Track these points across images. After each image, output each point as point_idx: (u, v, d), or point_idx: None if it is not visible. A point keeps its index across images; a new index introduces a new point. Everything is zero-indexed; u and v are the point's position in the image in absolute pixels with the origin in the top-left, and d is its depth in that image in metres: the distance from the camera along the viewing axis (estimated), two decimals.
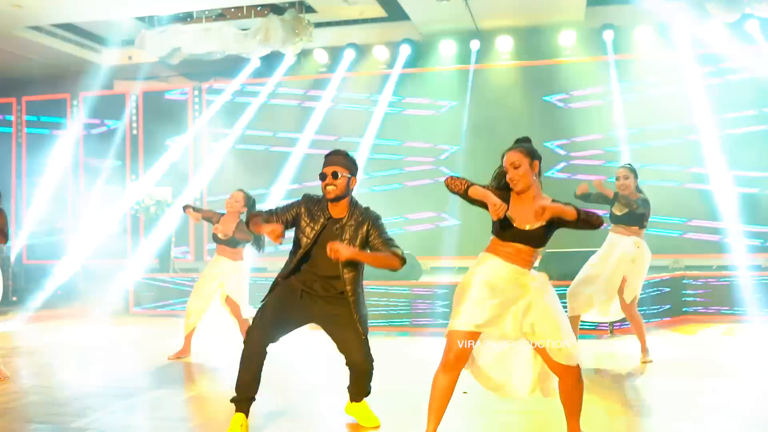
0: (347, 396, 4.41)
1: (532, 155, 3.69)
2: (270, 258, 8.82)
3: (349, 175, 4.17)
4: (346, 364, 4.25)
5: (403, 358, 6.45)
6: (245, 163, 10.96)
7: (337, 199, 4.14)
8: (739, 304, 7.85)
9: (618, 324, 7.32)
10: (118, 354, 7.01)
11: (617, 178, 6.09)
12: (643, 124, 9.86)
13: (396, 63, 10.73)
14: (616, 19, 10.19)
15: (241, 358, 4.01)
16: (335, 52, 11.05)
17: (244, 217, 6.47)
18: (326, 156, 4.24)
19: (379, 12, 10.61)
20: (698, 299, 8.14)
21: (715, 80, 9.75)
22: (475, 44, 10.53)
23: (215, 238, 6.55)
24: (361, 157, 10.35)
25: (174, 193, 10.25)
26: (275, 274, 4.32)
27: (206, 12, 10.49)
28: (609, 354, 6.51)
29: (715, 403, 4.60)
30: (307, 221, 4.17)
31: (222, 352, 6.64)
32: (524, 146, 3.73)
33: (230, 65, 11.21)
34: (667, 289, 8.11)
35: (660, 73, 9.96)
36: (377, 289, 8.07)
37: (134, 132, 11.59)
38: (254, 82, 11.16)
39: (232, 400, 4.03)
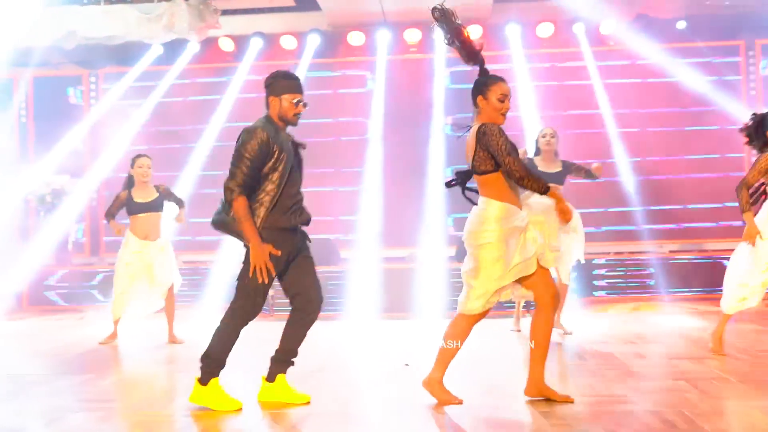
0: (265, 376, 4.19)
1: None
2: None
3: None
4: (299, 309, 4.10)
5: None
6: (149, 153, 10.43)
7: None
8: (647, 285, 8.27)
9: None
10: (23, 345, 6.58)
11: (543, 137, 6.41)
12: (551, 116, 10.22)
13: (305, 53, 10.59)
14: (521, 16, 10.48)
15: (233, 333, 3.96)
16: (241, 41, 10.77)
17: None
18: (292, 79, 4.14)
19: (288, 1, 10.47)
20: (608, 282, 8.50)
21: (617, 75, 10.24)
22: (383, 36, 10.55)
23: (134, 210, 6.33)
24: None
25: (72, 182, 9.69)
26: None
27: None
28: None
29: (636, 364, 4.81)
30: (278, 147, 3.95)
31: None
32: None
33: (128, 52, 10.70)
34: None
35: (564, 68, 10.35)
36: None
37: (23, 120, 10.88)
38: (156, 69, 10.71)
39: (213, 372, 3.95)
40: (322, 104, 10.59)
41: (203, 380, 3.99)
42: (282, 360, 4.15)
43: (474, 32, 10.40)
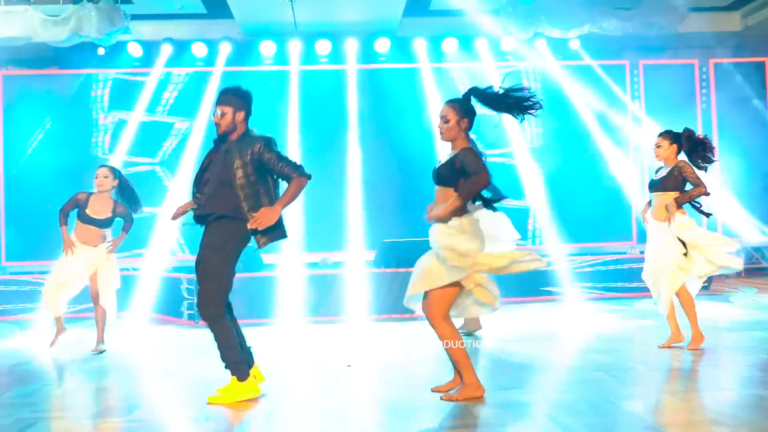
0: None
1: (461, 112, 4.19)
2: None
3: (236, 111, 4.50)
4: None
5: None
6: (56, 160, 10.19)
7: (223, 133, 4.53)
8: (553, 285, 8.90)
9: None
10: None
11: None
12: None
13: (217, 60, 10.61)
14: (428, 30, 10.94)
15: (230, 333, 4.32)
16: (150, 47, 10.65)
17: (114, 195, 6.46)
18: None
19: (199, 8, 10.47)
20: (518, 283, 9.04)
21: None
22: (295, 46, 10.74)
23: (82, 218, 6.33)
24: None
25: None
26: None
27: None
28: None
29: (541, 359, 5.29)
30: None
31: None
32: (457, 101, 4.23)
33: (28, 54, 10.39)
34: None
35: (467, 81, 10.90)
36: None
37: None
38: (61, 73, 10.43)
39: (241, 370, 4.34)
40: None
41: (242, 377, 4.34)
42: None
43: (382, 45, 10.82)
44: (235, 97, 4.52)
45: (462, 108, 4.26)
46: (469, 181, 4.06)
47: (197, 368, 5.48)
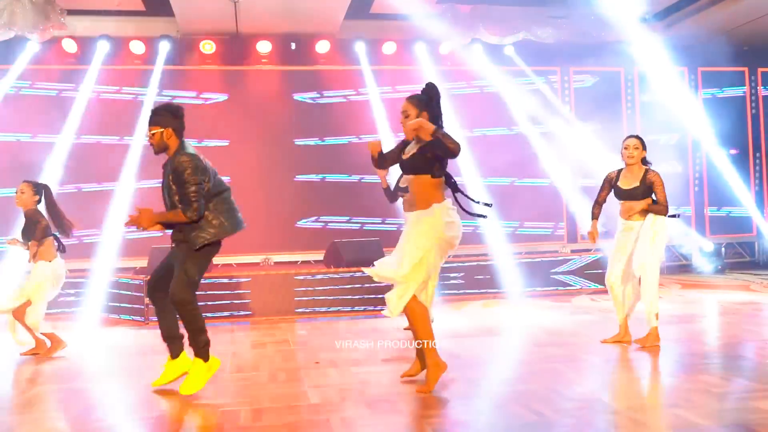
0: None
1: (420, 106, 4.37)
2: None
3: (163, 129, 4.58)
4: None
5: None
6: None
7: (158, 152, 4.69)
8: (495, 284, 9.22)
9: None
10: None
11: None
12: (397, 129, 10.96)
13: (157, 59, 10.47)
14: (367, 33, 11.12)
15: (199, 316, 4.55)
16: (86, 43, 10.41)
17: (42, 208, 6.22)
18: None
19: (137, 5, 10.31)
20: (460, 281, 9.32)
21: (456, 93, 11.21)
22: (235, 45, 10.71)
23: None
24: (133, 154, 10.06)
25: None
26: None
27: None
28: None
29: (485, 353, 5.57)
30: None
31: None
32: (416, 96, 4.40)
33: None
34: None
35: (406, 83, 11.15)
36: None
37: None
38: None
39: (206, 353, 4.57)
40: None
41: (206, 358, 4.58)
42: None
43: (322, 47, 10.93)
44: (161, 116, 4.61)
45: (421, 102, 4.41)
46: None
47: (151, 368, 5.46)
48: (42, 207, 6.23)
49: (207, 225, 4.56)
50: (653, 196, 5.81)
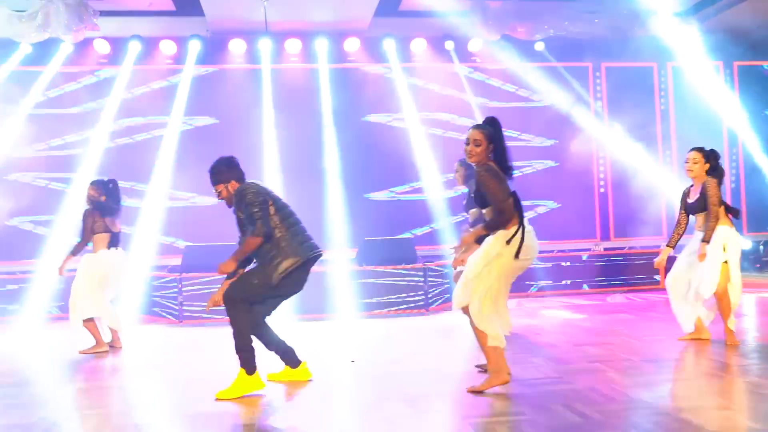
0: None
1: (488, 138, 4.36)
2: None
3: (225, 184, 4.74)
4: None
5: None
6: (32, 158, 9.99)
7: (232, 205, 4.79)
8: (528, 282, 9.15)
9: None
10: None
11: (456, 171, 6.78)
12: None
13: (187, 58, 10.53)
14: (396, 30, 11.06)
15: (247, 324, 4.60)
16: (118, 43, 10.50)
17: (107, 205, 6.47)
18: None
19: (168, 5, 10.35)
20: None
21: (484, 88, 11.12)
22: (265, 44, 10.72)
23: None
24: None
25: None
26: None
27: None
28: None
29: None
30: None
31: None
32: (485, 128, 4.40)
33: None
34: None
35: (434, 81, 11.10)
36: None
37: None
38: (25, 69, 10.19)
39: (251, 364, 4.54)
40: (207, 109, 10.63)
41: (250, 370, 4.53)
42: None
43: (351, 45, 10.90)
44: (220, 173, 4.76)
45: (489, 134, 4.43)
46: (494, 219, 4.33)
47: (187, 366, 5.49)
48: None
49: (285, 256, 4.60)
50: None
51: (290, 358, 4.88)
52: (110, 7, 10.05)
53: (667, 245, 5.95)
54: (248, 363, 4.54)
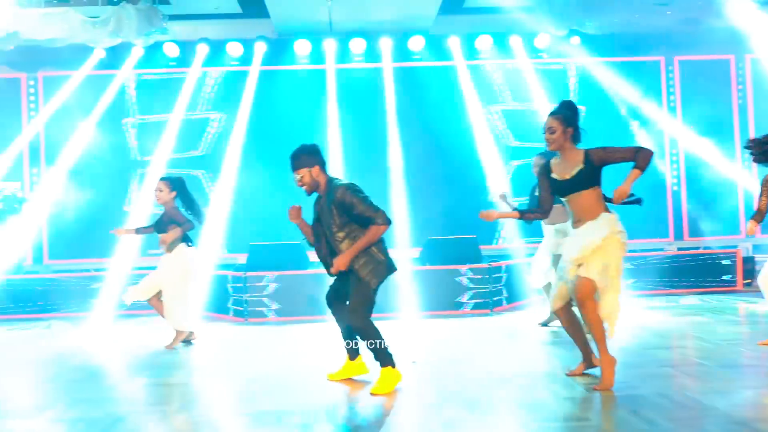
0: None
1: (566, 123, 4.45)
2: None
3: (309, 169, 4.68)
4: None
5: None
6: (100, 157, 10.32)
7: (312, 192, 4.76)
8: None
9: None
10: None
11: (534, 166, 6.65)
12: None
13: (253, 59, 10.67)
14: (461, 28, 10.94)
15: (377, 333, 4.61)
16: (186, 47, 10.70)
17: (180, 203, 6.55)
18: (290, 159, 4.76)
19: (235, 8, 10.52)
20: None
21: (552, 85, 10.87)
22: (330, 44, 10.76)
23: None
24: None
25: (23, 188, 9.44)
26: None
27: None
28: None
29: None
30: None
31: None
32: (561, 112, 4.47)
33: (64, 55, 10.44)
34: None
35: (501, 78, 10.92)
36: None
37: None
38: (99, 73, 10.51)
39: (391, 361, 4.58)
40: (272, 109, 10.75)
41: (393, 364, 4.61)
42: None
43: (416, 43, 10.83)
44: (302, 157, 4.72)
45: (566, 118, 4.51)
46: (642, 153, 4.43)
47: (251, 364, 5.53)
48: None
49: (377, 264, 4.64)
50: None
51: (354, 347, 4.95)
52: (179, 11, 10.31)
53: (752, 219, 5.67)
54: (390, 360, 4.60)
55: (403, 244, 9.71)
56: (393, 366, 4.63)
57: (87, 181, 10.08)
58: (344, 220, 4.62)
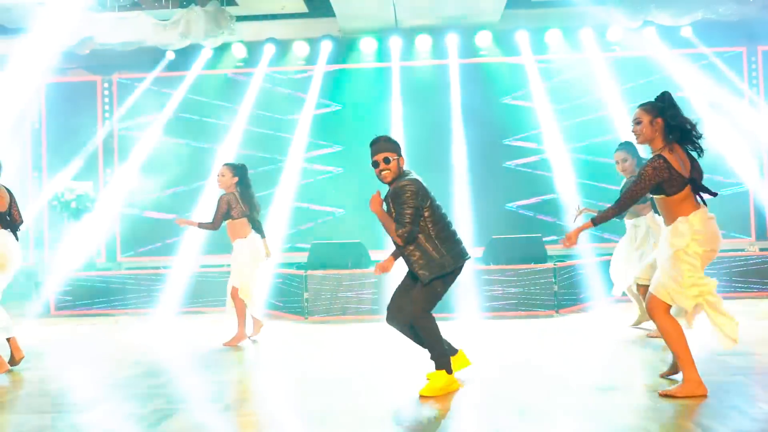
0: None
1: (653, 112, 4.18)
2: None
3: (398, 157, 4.62)
4: None
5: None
6: (171, 156, 10.58)
7: (393, 182, 4.60)
8: None
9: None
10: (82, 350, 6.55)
11: (616, 163, 6.37)
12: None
13: (319, 58, 10.71)
14: (529, 22, 10.68)
15: (436, 331, 4.52)
16: (253, 47, 10.83)
17: (239, 190, 6.60)
18: (371, 144, 4.64)
19: (301, 7, 10.57)
20: None
21: (625, 80, 10.48)
22: (395, 42, 10.68)
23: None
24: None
25: (95, 188, 9.75)
26: None
27: (119, 0, 9.98)
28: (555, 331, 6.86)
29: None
30: None
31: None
32: (650, 103, 4.24)
33: (136, 58, 10.72)
34: None
35: (572, 73, 10.61)
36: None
37: (35, 126, 10.85)
38: (169, 75, 10.76)
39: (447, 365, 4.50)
40: (337, 107, 10.78)
41: (449, 370, 4.53)
42: None
43: (482, 39, 10.63)
44: (392, 144, 4.66)
45: (654, 107, 4.24)
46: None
47: (307, 363, 5.50)
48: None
49: (430, 259, 4.52)
50: None
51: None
52: (246, 12, 10.44)
53: None
54: (445, 363, 4.52)
55: (465, 243, 9.51)
56: (448, 372, 4.51)
57: (160, 180, 10.36)
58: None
